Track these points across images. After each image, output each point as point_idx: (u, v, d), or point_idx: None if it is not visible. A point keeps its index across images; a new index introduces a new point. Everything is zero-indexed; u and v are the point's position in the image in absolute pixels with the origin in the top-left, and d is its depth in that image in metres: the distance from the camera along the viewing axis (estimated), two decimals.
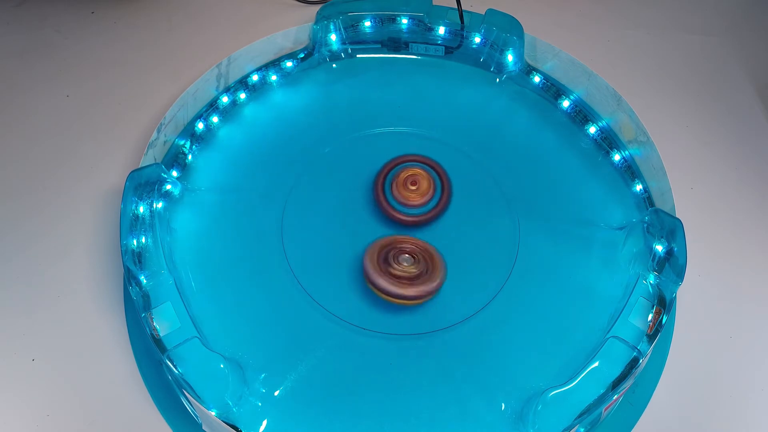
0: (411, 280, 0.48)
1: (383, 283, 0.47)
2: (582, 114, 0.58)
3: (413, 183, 0.52)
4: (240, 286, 0.50)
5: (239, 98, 0.59)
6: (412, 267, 0.48)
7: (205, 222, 0.53)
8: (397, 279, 0.47)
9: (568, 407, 0.43)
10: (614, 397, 0.43)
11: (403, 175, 0.53)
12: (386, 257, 0.49)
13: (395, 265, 0.48)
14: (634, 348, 0.44)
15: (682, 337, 0.50)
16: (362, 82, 0.61)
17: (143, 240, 0.49)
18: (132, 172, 0.49)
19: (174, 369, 0.43)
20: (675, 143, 0.59)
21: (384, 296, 0.47)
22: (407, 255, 0.49)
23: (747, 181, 0.58)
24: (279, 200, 0.54)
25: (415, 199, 0.52)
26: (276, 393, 0.46)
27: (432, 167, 0.54)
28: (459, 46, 0.61)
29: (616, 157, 0.55)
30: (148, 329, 0.45)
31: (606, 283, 0.50)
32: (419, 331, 0.48)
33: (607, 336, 0.45)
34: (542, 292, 0.50)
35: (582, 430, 0.45)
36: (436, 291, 0.48)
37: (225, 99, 0.58)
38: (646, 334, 0.45)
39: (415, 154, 0.55)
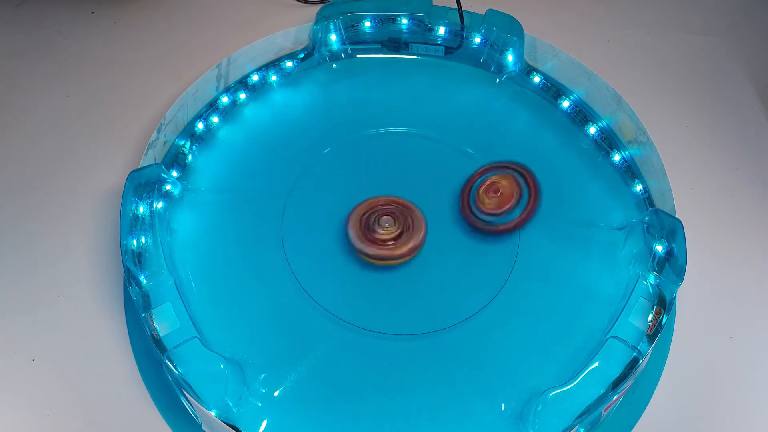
0: (395, 240, 0.50)
1: (371, 250, 0.49)
2: (582, 114, 0.58)
3: (495, 191, 0.52)
4: (240, 286, 0.50)
5: (239, 98, 0.59)
6: (394, 227, 0.50)
7: (205, 222, 0.53)
8: (383, 243, 0.49)
9: (568, 407, 0.43)
10: (614, 398, 0.43)
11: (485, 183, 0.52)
12: (367, 223, 0.50)
13: (378, 230, 0.50)
14: (634, 348, 0.44)
15: (682, 337, 0.50)
16: (362, 82, 0.61)
17: (143, 240, 0.49)
18: (132, 172, 0.49)
19: (174, 369, 0.43)
20: (675, 143, 0.59)
21: (375, 261, 0.50)
22: (387, 216, 0.51)
23: (747, 181, 0.58)
24: (279, 200, 0.54)
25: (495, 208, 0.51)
26: (276, 393, 0.46)
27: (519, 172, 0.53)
28: (459, 47, 0.61)
29: (616, 158, 0.55)
30: (148, 329, 0.45)
31: (606, 283, 0.50)
32: (419, 331, 0.48)
33: (607, 336, 0.45)
34: (542, 292, 0.50)
35: (582, 430, 0.45)
36: (421, 245, 0.50)
37: (225, 99, 0.58)
38: (646, 335, 0.45)
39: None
